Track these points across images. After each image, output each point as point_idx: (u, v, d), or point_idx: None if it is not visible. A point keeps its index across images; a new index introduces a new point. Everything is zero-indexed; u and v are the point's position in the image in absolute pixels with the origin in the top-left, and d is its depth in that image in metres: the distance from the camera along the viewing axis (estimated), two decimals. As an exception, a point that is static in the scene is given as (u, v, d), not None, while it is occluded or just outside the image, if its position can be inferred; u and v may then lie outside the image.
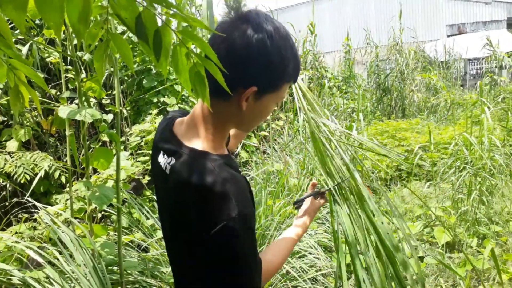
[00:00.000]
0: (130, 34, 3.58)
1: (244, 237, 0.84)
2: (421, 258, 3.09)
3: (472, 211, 3.49)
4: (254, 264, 0.89)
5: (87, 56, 1.61)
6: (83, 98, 1.68)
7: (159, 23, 0.67)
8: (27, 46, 1.70)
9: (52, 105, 1.78)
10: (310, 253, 2.80)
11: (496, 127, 5.63)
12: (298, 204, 1.37)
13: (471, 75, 14.75)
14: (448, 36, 18.37)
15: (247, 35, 0.84)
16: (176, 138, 0.95)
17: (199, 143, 0.91)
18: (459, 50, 11.85)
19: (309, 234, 3.04)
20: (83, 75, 2.80)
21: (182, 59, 0.72)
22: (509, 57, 9.68)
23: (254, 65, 0.85)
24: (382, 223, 1.27)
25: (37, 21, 3.33)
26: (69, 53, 1.58)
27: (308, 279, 2.61)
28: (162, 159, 0.95)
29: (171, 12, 0.67)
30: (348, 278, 3.03)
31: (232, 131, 1.25)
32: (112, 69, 1.77)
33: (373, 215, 1.28)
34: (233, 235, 0.82)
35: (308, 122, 1.41)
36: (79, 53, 1.66)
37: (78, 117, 1.35)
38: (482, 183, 3.59)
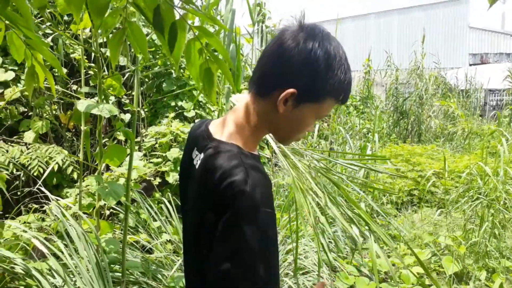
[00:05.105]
0: (154, 37, 3.63)
1: (255, 232, 0.79)
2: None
3: (483, 243, 3.41)
4: (264, 266, 0.79)
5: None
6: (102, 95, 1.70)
7: (177, 17, 0.69)
8: (51, 37, 1.74)
9: (72, 98, 1.81)
10: (313, 271, 2.76)
11: (514, 159, 5.51)
12: None
13: (491, 106, 14.55)
14: (470, 64, 18.20)
15: (301, 41, 0.87)
16: (209, 133, 0.97)
17: (228, 137, 0.93)
18: (480, 80, 11.71)
19: (315, 252, 3.00)
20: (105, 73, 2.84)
21: (195, 53, 0.73)
22: (531, 90, 9.53)
23: (298, 67, 0.87)
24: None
25: (65, 17, 3.40)
26: (93, 49, 1.61)
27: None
28: (194, 155, 0.98)
29: (187, 7, 0.68)
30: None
31: None
32: (133, 67, 1.80)
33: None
34: (242, 223, 0.78)
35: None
36: (102, 50, 1.69)
37: (95, 111, 1.36)
38: (495, 216, 3.51)
